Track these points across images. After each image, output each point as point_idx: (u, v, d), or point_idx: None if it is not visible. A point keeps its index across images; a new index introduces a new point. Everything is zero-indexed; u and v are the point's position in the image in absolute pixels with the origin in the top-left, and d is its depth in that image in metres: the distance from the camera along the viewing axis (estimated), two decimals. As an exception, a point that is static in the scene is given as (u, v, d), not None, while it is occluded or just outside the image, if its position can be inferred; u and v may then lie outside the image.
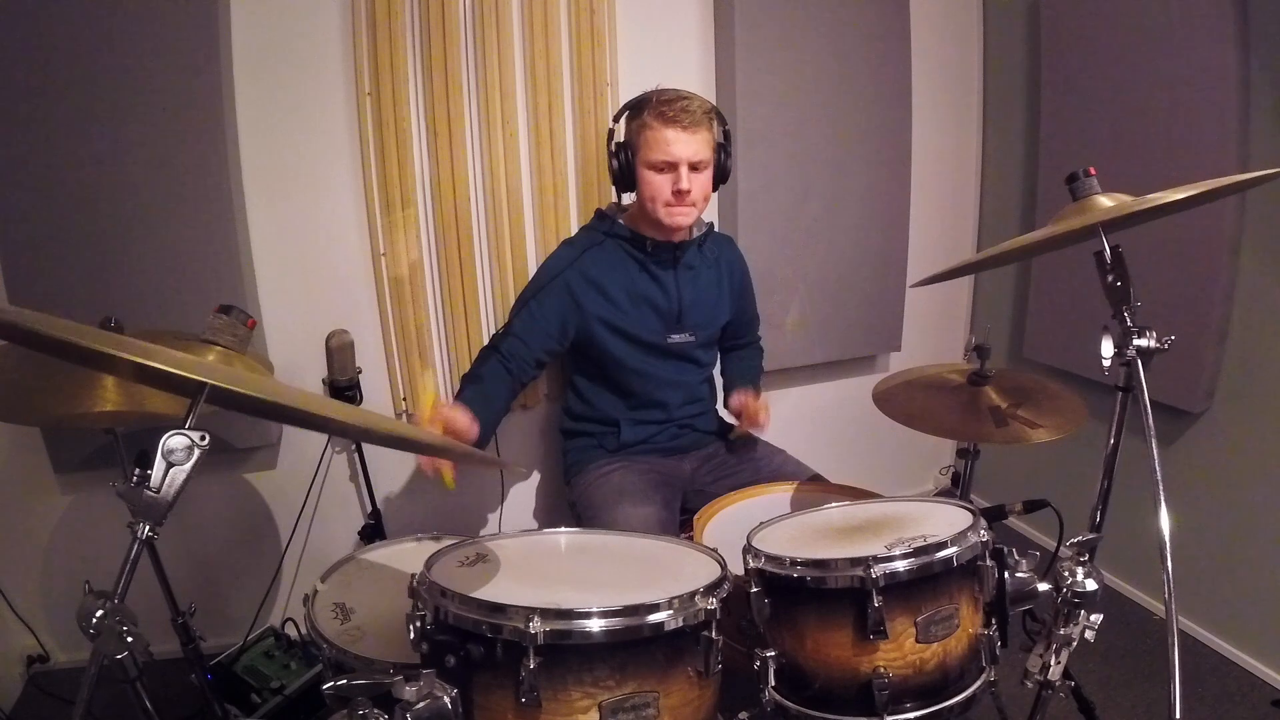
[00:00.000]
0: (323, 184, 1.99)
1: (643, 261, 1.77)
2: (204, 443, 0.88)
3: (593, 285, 1.74)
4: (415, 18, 1.94)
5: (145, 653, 0.94)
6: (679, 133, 1.61)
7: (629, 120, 1.69)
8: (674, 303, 1.79)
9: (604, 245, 1.77)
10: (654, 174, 1.65)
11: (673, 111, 1.60)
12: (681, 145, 1.61)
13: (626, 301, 1.76)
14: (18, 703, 1.98)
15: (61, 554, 2.03)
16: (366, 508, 2.12)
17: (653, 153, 1.63)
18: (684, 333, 1.83)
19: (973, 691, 1.12)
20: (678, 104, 1.61)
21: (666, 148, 1.62)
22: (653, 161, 1.64)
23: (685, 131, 1.61)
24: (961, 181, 2.73)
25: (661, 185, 1.65)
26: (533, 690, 0.92)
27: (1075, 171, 1.19)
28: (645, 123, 1.63)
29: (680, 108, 1.60)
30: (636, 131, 1.66)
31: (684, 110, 1.60)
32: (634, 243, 1.76)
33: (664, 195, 1.66)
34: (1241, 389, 1.96)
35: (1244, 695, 1.90)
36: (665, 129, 1.61)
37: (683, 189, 1.64)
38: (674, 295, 1.79)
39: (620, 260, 1.77)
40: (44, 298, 1.75)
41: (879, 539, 1.14)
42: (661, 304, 1.78)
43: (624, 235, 1.77)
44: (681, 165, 1.62)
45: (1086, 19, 2.17)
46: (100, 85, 1.69)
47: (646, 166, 1.65)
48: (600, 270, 1.75)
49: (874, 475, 1.93)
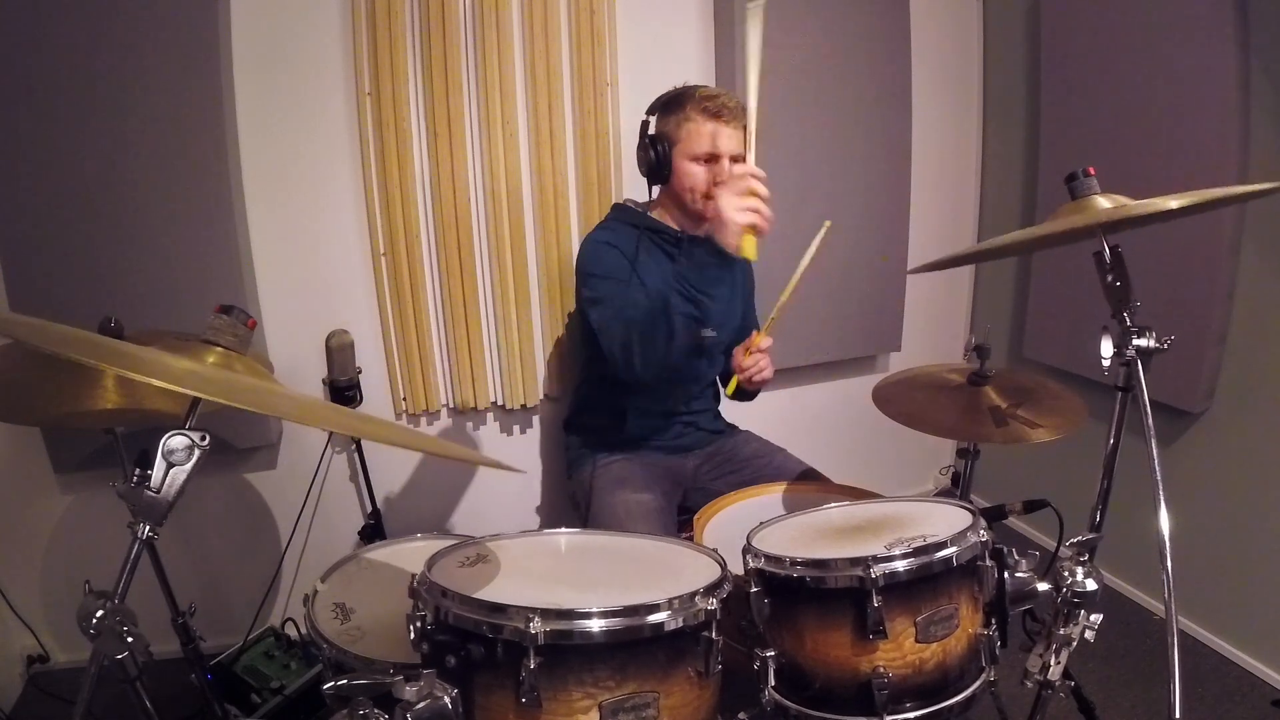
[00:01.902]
0: (323, 184, 1.99)
1: (673, 254, 1.78)
2: (204, 443, 0.88)
3: (633, 265, 1.74)
4: (415, 18, 1.94)
5: (145, 653, 0.94)
6: (722, 126, 1.64)
7: (666, 114, 1.70)
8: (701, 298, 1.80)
9: (641, 238, 1.77)
10: (695, 165, 1.67)
11: (716, 106, 1.64)
12: (724, 138, 1.65)
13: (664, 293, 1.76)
14: (18, 703, 1.98)
15: (61, 554, 2.03)
16: (366, 508, 2.12)
17: (696, 145, 1.66)
18: (710, 328, 1.84)
19: (972, 691, 1.12)
20: (720, 98, 1.65)
21: (712, 140, 1.65)
22: (695, 153, 1.66)
23: (727, 125, 1.65)
24: (961, 181, 2.73)
25: (702, 177, 1.68)
26: (533, 690, 0.92)
27: (1075, 171, 1.19)
28: (688, 115, 1.66)
29: (723, 102, 1.65)
30: (677, 124, 1.67)
31: (726, 105, 1.65)
32: (667, 236, 1.77)
33: (704, 187, 1.68)
34: (1241, 389, 1.96)
35: (1244, 695, 1.90)
36: (710, 122, 1.64)
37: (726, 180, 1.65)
38: (701, 290, 1.80)
39: (653, 251, 1.77)
40: (44, 298, 1.75)
41: (879, 539, 1.14)
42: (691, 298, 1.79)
43: (657, 228, 1.77)
44: (724, 158, 1.66)
45: (1086, 19, 2.17)
46: (100, 85, 1.69)
47: (688, 158, 1.67)
48: (645, 262, 1.75)
49: (874, 475, 1.94)
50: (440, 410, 2.22)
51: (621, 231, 1.77)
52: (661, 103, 1.71)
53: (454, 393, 2.19)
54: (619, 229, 1.78)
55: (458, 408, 2.21)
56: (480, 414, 2.28)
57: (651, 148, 1.69)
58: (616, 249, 1.72)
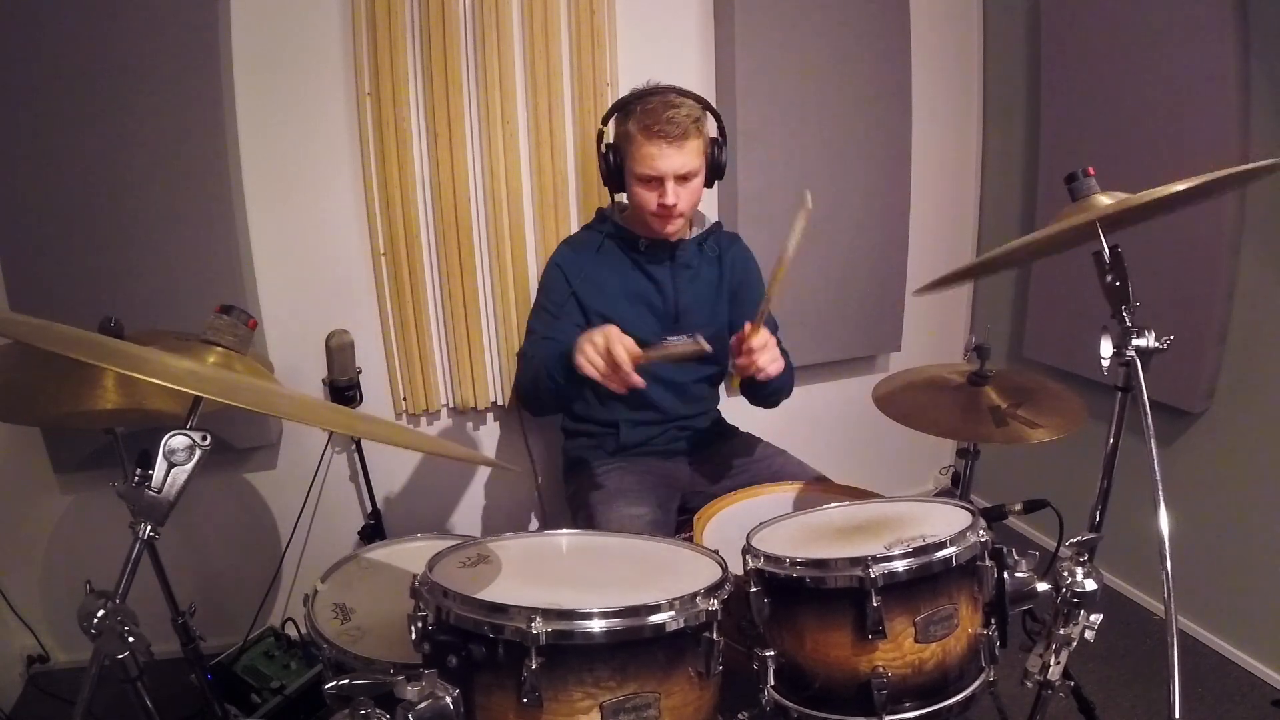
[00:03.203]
0: (323, 184, 1.99)
1: (638, 261, 1.76)
2: (206, 443, 0.88)
3: (592, 284, 1.74)
4: (415, 18, 1.94)
5: (146, 653, 0.94)
6: (664, 147, 1.54)
7: (617, 123, 1.65)
8: (670, 303, 1.78)
9: (603, 245, 1.77)
10: (640, 185, 1.62)
11: (658, 125, 1.53)
12: (666, 160, 1.55)
13: (624, 302, 1.75)
14: (18, 703, 1.98)
15: (61, 554, 2.03)
16: (366, 508, 2.12)
17: (638, 166, 1.59)
18: (682, 334, 1.82)
19: (972, 691, 1.12)
20: (663, 116, 1.53)
21: (651, 163, 1.56)
22: (638, 174, 1.60)
23: (670, 145, 1.54)
24: (961, 181, 2.73)
25: (648, 198, 1.62)
26: (534, 691, 0.92)
27: (1074, 172, 1.19)
28: (630, 133, 1.59)
29: (666, 119, 1.52)
30: (623, 139, 1.62)
31: (669, 122, 1.53)
32: (629, 242, 1.76)
33: (650, 207, 1.63)
34: (1241, 389, 1.96)
35: (1244, 695, 1.90)
36: (649, 144, 1.55)
37: (668, 203, 1.60)
38: (670, 295, 1.78)
39: (618, 260, 1.76)
40: (44, 298, 1.75)
41: (878, 539, 1.14)
42: (657, 304, 1.78)
43: (620, 235, 1.76)
44: (667, 180, 1.58)
45: (1086, 19, 2.17)
46: (100, 85, 1.69)
47: (632, 178, 1.63)
48: (599, 270, 1.75)
49: (874, 475, 1.93)
50: (440, 410, 2.23)
51: (587, 239, 1.78)
52: (611, 112, 1.66)
53: (454, 393, 2.19)
54: (587, 235, 1.80)
55: (458, 408, 2.21)
56: (480, 414, 2.28)
57: (605, 159, 1.66)
58: (559, 269, 1.72)
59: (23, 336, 0.86)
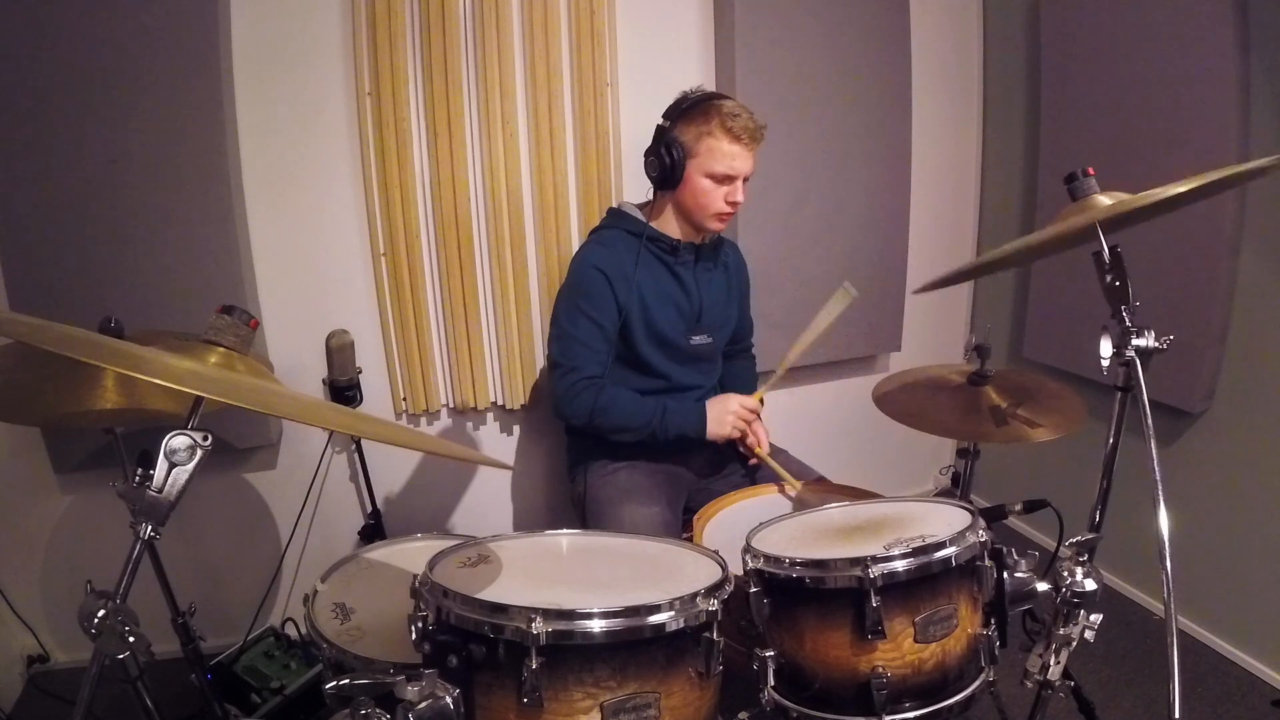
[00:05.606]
0: (323, 184, 1.99)
1: (669, 262, 1.78)
2: (206, 443, 0.88)
3: (627, 283, 1.73)
4: (415, 18, 1.94)
5: (147, 653, 0.94)
6: (743, 149, 1.64)
7: (687, 123, 1.66)
8: (695, 303, 1.81)
9: (632, 244, 1.76)
10: (709, 182, 1.66)
11: (739, 128, 1.62)
12: (745, 161, 1.65)
13: (658, 302, 1.77)
14: (18, 703, 1.98)
15: (61, 554, 2.03)
16: (366, 508, 2.12)
17: (714, 163, 1.64)
18: (703, 334, 1.84)
19: (972, 691, 1.12)
20: (744, 120, 1.63)
21: (731, 162, 1.64)
22: (712, 171, 1.65)
23: (748, 149, 1.65)
24: (961, 181, 2.73)
25: (716, 195, 1.67)
26: (535, 690, 0.92)
27: (1074, 172, 1.19)
28: (710, 132, 1.64)
29: (745, 124, 1.63)
30: (697, 137, 1.65)
31: (747, 127, 1.63)
32: (661, 242, 1.77)
33: (716, 205, 1.68)
34: (1241, 389, 1.96)
35: (1244, 695, 1.91)
36: (733, 144, 1.63)
37: (738, 200, 1.68)
38: (695, 295, 1.81)
39: (652, 262, 1.77)
40: (44, 298, 1.75)
41: (878, 539, 1.14)
42: (684, 304, 1.80)
43: (652, 234, 1.77)
44: (739, 179, 1.67)
45: (1086, 19, 2.18)
46: (100, 85, 1.69)
47: (703, 174, 1.66)
48: (638, 273, 1.74)
49: (874, 475, 1.94)
50: (440, 410, 2.23)
51: (620, 243, 1.76)
52: (682, 109, 1.68)
53: (454, 393, 2.19)
54: (617, 240, 1.77)
55: (458, 408, 2.21)
56: (480, 414, 2.28)
57: (668, 154, 1.67)
58: (601, 274, 1.70)
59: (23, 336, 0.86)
